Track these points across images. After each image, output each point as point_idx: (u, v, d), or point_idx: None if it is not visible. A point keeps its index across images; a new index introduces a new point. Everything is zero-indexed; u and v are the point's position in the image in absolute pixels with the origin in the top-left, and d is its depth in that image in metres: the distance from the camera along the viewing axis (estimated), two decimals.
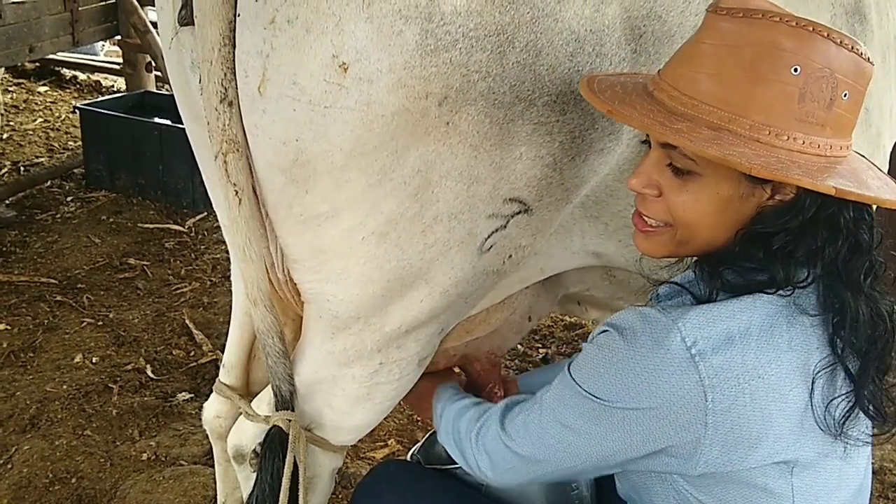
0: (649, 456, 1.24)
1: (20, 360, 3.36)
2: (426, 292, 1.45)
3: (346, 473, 2.80)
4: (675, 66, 1.20)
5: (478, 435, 1.46)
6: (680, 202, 1.22)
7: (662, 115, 1.16)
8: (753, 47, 1.12)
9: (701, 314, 1.18)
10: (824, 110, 1.12)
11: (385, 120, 1.22)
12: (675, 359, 1.16)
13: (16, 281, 3.91)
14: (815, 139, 1.13)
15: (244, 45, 1.25)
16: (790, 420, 1.18)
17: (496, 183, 1.34)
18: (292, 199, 1.35)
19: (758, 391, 1.15)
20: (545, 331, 3.83)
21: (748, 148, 1.11)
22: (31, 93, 6.76)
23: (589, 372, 1.26)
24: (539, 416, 1.34)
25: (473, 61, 1.21)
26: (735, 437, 1.17)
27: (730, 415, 1.16)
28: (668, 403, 1.17)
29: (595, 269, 1.72)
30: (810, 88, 1.11)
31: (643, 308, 1.24)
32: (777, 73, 1.11)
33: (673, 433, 1.19)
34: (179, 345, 3.56)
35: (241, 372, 1.84)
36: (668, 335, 1.17)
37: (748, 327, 1.17)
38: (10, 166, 5.29)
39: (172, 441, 2.95)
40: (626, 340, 1.21)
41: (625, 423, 1.22)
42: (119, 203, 4.86)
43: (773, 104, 1.11)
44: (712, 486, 1.24)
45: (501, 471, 1.42)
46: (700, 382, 1.15)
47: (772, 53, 1.11)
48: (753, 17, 1.12)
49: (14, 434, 2.93)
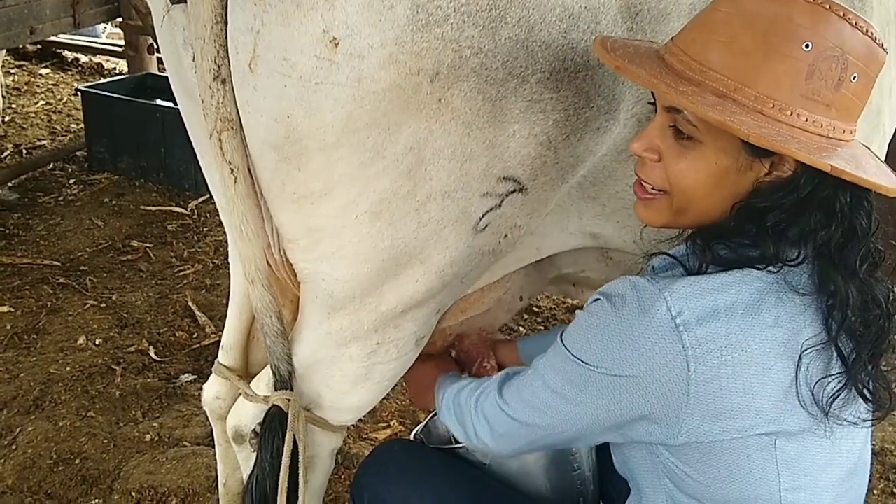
0: (633, 422, 1.25)
1: (24, 343, 3.36)
2: (421, 272, 1.44)
3: (349, 454, 2.81)
4: (688, 32, 1.20)
5: (477, 402, 1.48)
6: (678, 168, 1.22)
7: (670, 77, 1.16)
8: (767, 19, 1.12)
9: (688, 285, 1.19)
10: (831, 90, 1.12)
11: (377, 96, 1.21)
12: (660, 328, 1.17)
13: (19, 263, 3.92)
14: (818, 118, 1.12)
15: (235, 21, 1.24)
16: (773, 394, 1.18)
17: (490, 161, 1.33)
18: (285, 178, 1.34)
19: (740, 364, 1.16)
20: (547, 313, 3.83)
21: (750, 118, 1.11)
22: (32, 75, 6.74)
23: (577, 337, 1.28)
24: (532, 381, 1.36)
25: (465, 37, 1.20)
26: (717, 407, 1.18)
27: (712, 385, 1.16)
28: (652, 371, 1.18)
29: (591, 250, 1.71)
30: (819, 66, 1.10)
31: (634, 277, 1.25)
32: (788, 48, 1.10)
33: (655, 401, 1.20)
34: (182, 326, 3.57)
35: (240, 353, 1.84)
36: (654, 304, 1.18)
37: (735, 301, 1.17)
38: (13, 149, 5.29)
39: (175, 422, 2.96)
40: (615, 308, 1.22)
41: (609, 389, 1.23)
42: (121, 185, 4.85)
43: (780, 78, 1.11)
44: (696, 458, 1.25)
45: (497, 436, 1.43)
46: (683, 352, 1.16)
47: (785, 27, 1.11)
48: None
49: (18, 415, 2.95)
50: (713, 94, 1.13)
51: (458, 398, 1.55)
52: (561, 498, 1.78)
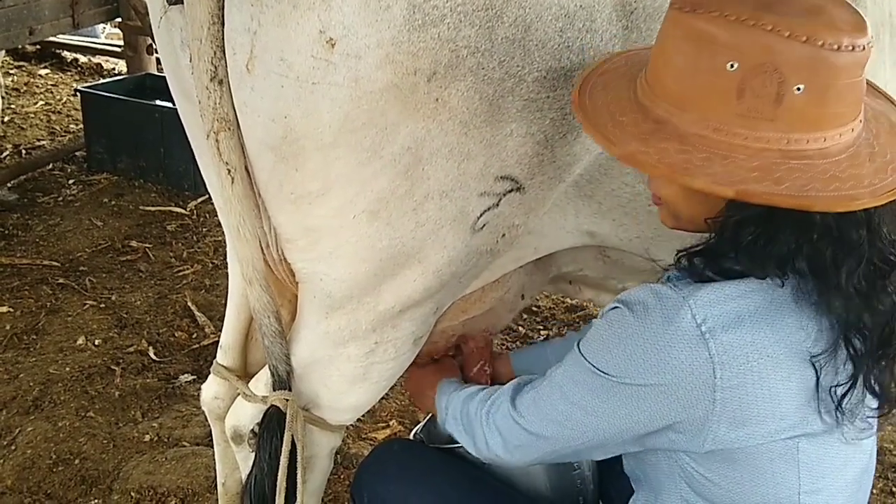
0: (657, 433, 1.25)
1: (23, 343, 3.36)
2: (419, 271, 1.45)
3: (348, 454, 2.81)
4: (651, 50, 1.21)
5: (488, 414, 1.47)
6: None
7: (624, 104, 1.19)
8: (695, 40, 1.11)
9: (712, 292, 1.18)
10: (771, 105, 1.08)
11: (373, 96, 1.22)
12: (686, 335, 1.16)
13: (18, 264, 3.92)
14: (763, 134, 1.09)
15: (232, 22, 1.25)
16: (796, 399, 1.18)
17: (487, 160, 1.33)
18: (283, 178, 1.35)
19: (765, 370, 1.16)
20: (546, 313, 3.82)
21: (679, 143, 1.11)
22: (32, 76, 6.74)
23: (598, 347, 1.27)
24: (549, 392, 1.35)
25: (462, 36, 1.20)
26: (742, 414, 1.18)
27: (738, 392, 1.16)
28: (678, 380, 1.18)
29: (589, 248, 1.71)
30: (750, 83, 1.08)
31: (655, 285, 1.24)
32: (714, 68, 1.09)
33: (681, 409, 1.20)
34: (182, 327, 3.57)
35: (239, 353, 1.84)
36: (679, 312, 1.17)
37: (758, 307, 1.17)
38: (12, 149, 5.28)
39: (175, 423, 2.96)
40: (637, 316, 1.21)
41: (633, 399, 1.23)
42: (121, 186, 4.85)
43: (711, 98, 1.10)
44: (719, 464, 1.25)
45: (512, 448, 1.42)
46: (710, 359, 1.15)
47: (710, 48, 1.09)
48: (696, 12, 1.10)
49: (17, 416, 2.95)
50: (654, 119, 1.14)
51: (466, 408, 1.54)
52: (561, 497, 1.78)
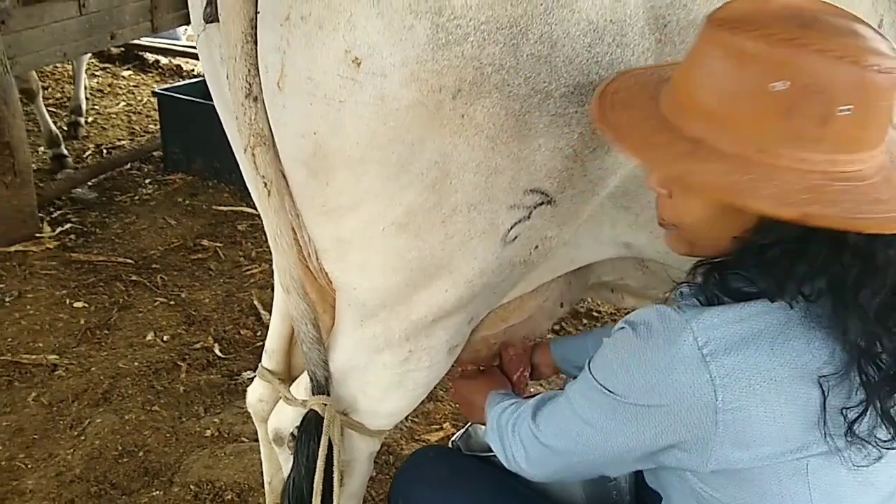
0: (664, 451, 1.25)
1: (96, 337, 3.50)
2: (450, 282, 1.46)
3: (401, 455, 2.85)
4: (683, 66, 1.17)
5: (514, 426, 1.49)
6: (682, 205, 1.22)
7: (652, 122, 1.15)
8: (742, 59, 1.07)
9: (715, 315, 1.18)
10: (817, 126, 1.05)
11: (399, 113, 1.24)
12: (687, 358, 1.16)
13: (94, 260, 4.07)
14: (808, 155, 1.06)
15: (264, 41, 1.28)
16: (801, 422, 1.16)
17: (515, 174, 1.33)
18: (314, 192, 1.38)
19: (768, 393, 1.15)
20: (594, 313, 3.80)
21: (723, 163, 1.07)
22: (115, 77, 6.98)
23: (604, 367, 1.28)
24: (563, 408, 1.37)
25: (486, 54, 1.21)
26: (746, 436, 1.17)
27: (740, 414, 1.15)
28: (679, 401, 1.18)
29: (627, 259, 1.70)
30: (798, 104, 1.04)
31: (661, 306, 1.24)
32: (762, 88, 1.05)
33: (684, 430, 1.19)
34: (247, 325, 3.66)
35: (283, 357, 1.89)
36: (681, 334, 1.17)
37: (761, 330, 1.16)
38: (94, 149, 5.49)
39: (235, 418, 3.05)
40: (641, 337, 1.22)
41: (638, 418, 1.23)
42: (195, 186, 4.99)
43: (757, 119, 1.07)
44: (726, 484, 1.24)
45: (532, 461, 1.44)
46: (710, 382, 1.15)
47: (758, 67, 1.05)
48: (742, 30, 1.07)
49: (88, 408, 3.08)
50: (690, 139, 1.10)
51: (500, 419, 1.56)
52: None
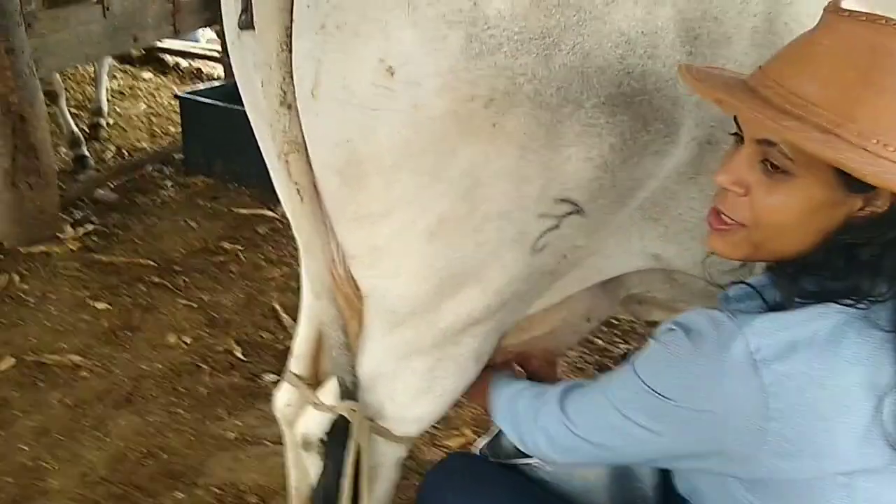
0: (706, 455, 1.24)
1: (118, 339, 3.52)
2: (479, 290, 1.47)
3: (423, 461, 2.85)
4: (783, 64, 1.15)
5: (536, 414, 1.49)
6: (769, 203, 1.17)
7: (771, 111, 1.12)
8: (869, 53, 1.07)
9: (767, 321, 1.17)
10: None
11: (432, 122, 1.25)
12: (739, 364, 1.15)
13: (116, 262, 4.11)
14: None
15: (299, 49, 1.30)
16: (853, 433, 1.14)
17: (545, 183, 1.34)
18: (347, 199, 1.39)
19: (819, 401, 1.13)
20: (626, 325, 3.79)
21: (856, 154, 1.07)
22: (136, 79, 7.03)
23: (653, 369, 1.27)
24: (601, 403, 1.35)
25: (519, 64, 1.22)
26: (794, 446, 1.15)
27: (790, 422, 1.14)
28: (729, 408, 1.17)
29: (656, 272, 1.70)
30: None
31: (711, 311, 1.23)
32: (891, 82, 1.06)
33: (731, 437, 1.18)
34: (268, 327, 3.67)
35: (310, 362, 1.89)
36: (734, 340, 1.16)
37: (814, 337, 1.14)
38: (115, 151, 5.53)
39: (258, 421, 3.06)
40: (693, 341, 1.21)
41: (684, 423, 1.22)
42: (216, 188, 5.02)
43: (883, 113, 1.07)
44: (769, 494, 1.23)
45: (561, 450, 1.44)
46: (762, 389, 1.14)
47: (887, 61, 1.06)
48: (875, 23, 1.08)
49: (111, 409, 3.10)
50: (816, 129, 1.08)
51: (514, 405, 1.56)
52: None
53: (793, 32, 1.27)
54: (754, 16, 1.35)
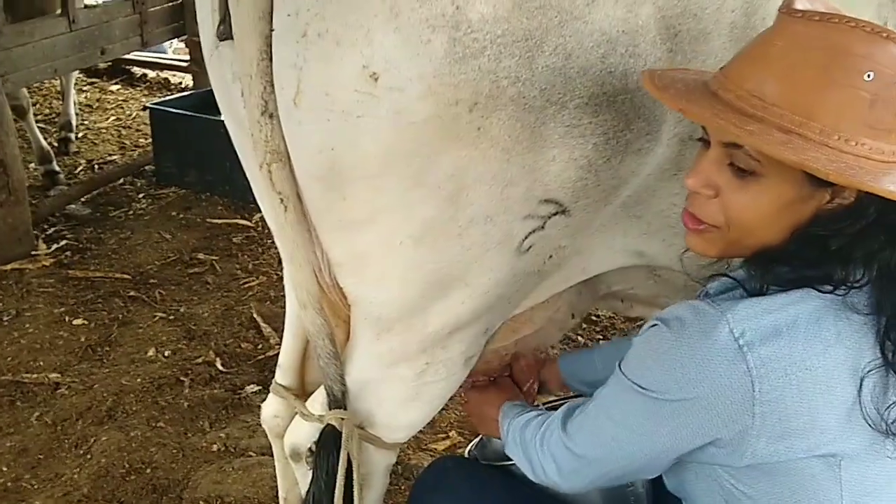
0: (700, 448, 1.26)
1: (97, 354, 3.49)
2: (466, 294, 1.47)
3: (408, 465, 2.86)
4: (742, 66, 1.18)
5: (542, 440, 1.48)
6: (739, 203, 1.21)
7: (734, 115, 1.14)
8: (827, 51, 1.10)
9: (749, 306, 1.19)
10: (893, 116, 1.10)
11: (416, 127, 1.24)
12: (724, 349, 1.17)
13: (92, 276, 4.07)
14: (881, 145, 1.11)
15: (280, 58, 1.29)
16: (837, 413, 1.17)
17: (530, 185, 1.34)
18: (331, 206, 1.38)
19: (804, 383, 1.16)
20: (606, 322, 3.81)
21: (819, 153, 1.10)
22: (103, 92, 6.97)
23: (637, 365, 1.28)
24: (594, 414, 1.37)
25: (502, 67, 1.22)
26: (782, 427, 1.17)
27: (777, 405, 1.16)
28: (717, 393, 1.18)
29: (639, 268, 1.71)
30: (882, 95, 1.09)
31: (693, 301, 1.25)
32: (850, 79, 1.09)
33: (721, 424, 1.20)
34: (247, 338, 3.66)
35: (297, 372, 1.89)
36: (717, 326, 1.18)
37: (796, 319, 1.17)
38: (85, 164, 5.48)
39: (241, 433, 3.04)
40: (674, 332, 1.22)
41: (674, 415, 1.23)
42: (188, 199, 4.99)
43: (843, 109, 1.10)
44: (758, 479, 1.24)
45: (566, 474, 1.44)
46: (748, 372, 1.16)
47: (846, 59, 1.09)
48: (829, 22, 1.11)
49: (92, 425, 3.07)
50: (778, 129, 1.11)
51: (524, 434, 1.56)
52: None
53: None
54: (732, 11, 1.36)
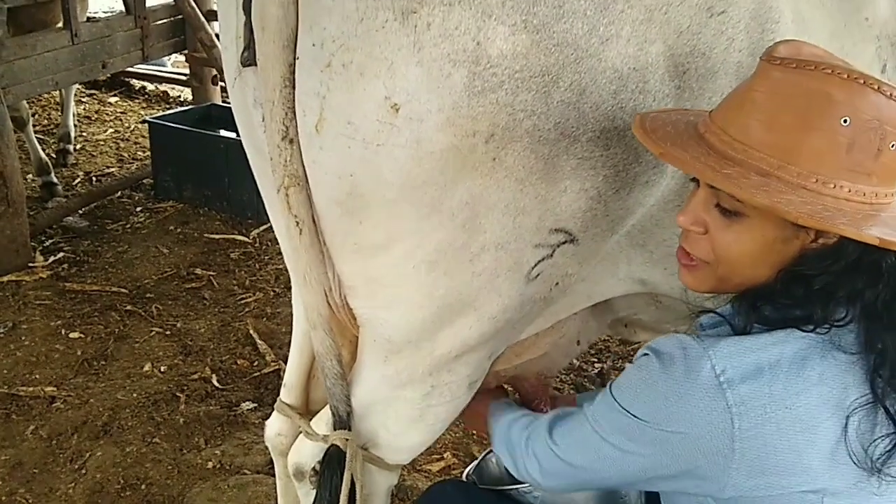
0: (680, 476, 1.29)
1: (93, 369, 3.50)
2: (475, 319, 1.50)
3: (403, 486, 2.86)
4: (726, 111, 1.24)
5: (528, 440, 1.53)
6: (725, 241, 1.26)
7: (713, 158, 1.20)
8: (805, 97, 1.15)
9: (733, 344, 1.23)
10: (871, 160, 1.15)
11: (434, 156, 1.28)
12: (705, 386, 1.21)
13: (88, 290, 4.08)
14: (861, 187, 1.15)
15: (303, 86, 1.32)
16: (820, 452, 1.20)
17: (542, 214, 1.38)
18: (347, 230, 1.42)
19: (784, 421, 1.19)
20: (600, 345, 3.84)
21: (795, 195, 1.14)
22: (102, 104, 6.99)
23: (627, 391, 1.33)
24: (582, 426, 1.41)
25: (519, 101, 1.26)
26: (762, 464, 1.20)
27: (756, 442, 1.19)
28: (697, 428, 1.22)
29: (642, 294, 1.75)
30: (859, 139, 1.13)
31: (682, 336, 1.29)
32: (827, 124, 1.14)
33: (701, 457, 1.23)
34: (244, 354, 3.67)
35: (302, 392, 1.91)
36: (700, 363, 1.22)
37: (779, 359, 1.21)
38: (83, 177, 5.49)
39: (237, 450, 3.05)
40: (663, 365, 1.26)
41: (656, 443, 1.27)
42: (186, 214, 5.00)
43: (822, 153, 1.14)
44: None
45: (548, 474, 1.49)
46: (727, 409, 1.19)
47: (823, 104, 1.14)
48: (806, 69, 1.16)
49: (88, 440, 3.07)
50: (757, 172, 1.16)
51: (510, 432, 1.61)
52: None
53: None
54: (739, 51, 1.41)
